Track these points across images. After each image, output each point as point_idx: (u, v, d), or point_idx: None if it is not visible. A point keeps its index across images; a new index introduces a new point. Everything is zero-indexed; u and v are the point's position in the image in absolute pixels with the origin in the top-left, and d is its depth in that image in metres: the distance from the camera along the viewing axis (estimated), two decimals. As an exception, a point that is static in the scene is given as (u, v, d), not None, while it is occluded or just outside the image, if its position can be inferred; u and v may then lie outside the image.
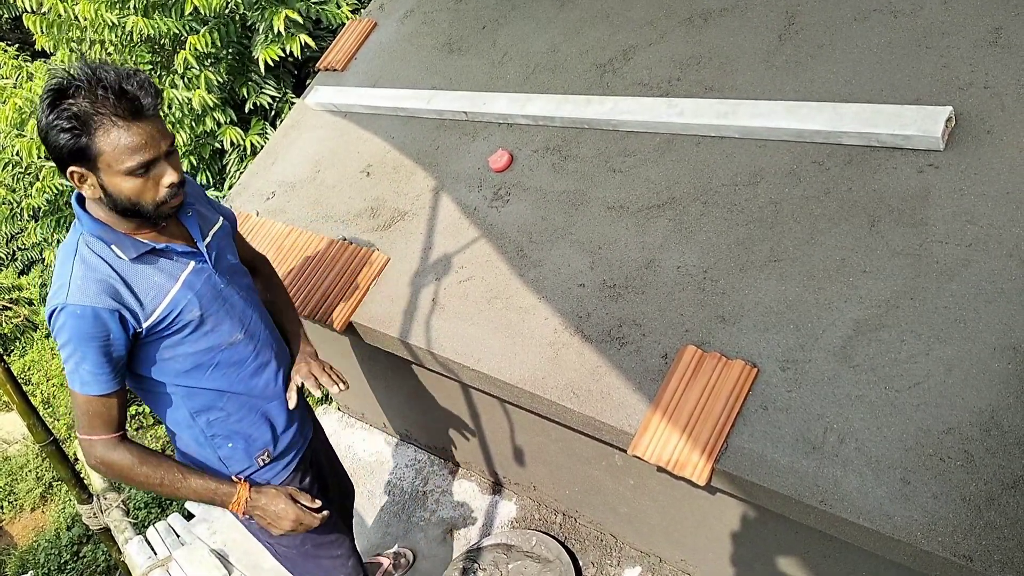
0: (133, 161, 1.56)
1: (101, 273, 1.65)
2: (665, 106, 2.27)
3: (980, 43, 1.92)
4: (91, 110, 1.52)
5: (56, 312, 1.66)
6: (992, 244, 1.64)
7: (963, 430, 1.49)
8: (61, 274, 1.67)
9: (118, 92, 1.53)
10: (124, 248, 1.69)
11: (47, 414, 10.03)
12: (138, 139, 1.56)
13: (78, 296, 1.63)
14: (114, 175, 1.58)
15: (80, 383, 1.69)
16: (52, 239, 5.53)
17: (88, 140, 1.54)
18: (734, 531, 2.14)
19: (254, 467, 1.96)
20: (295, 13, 3.96)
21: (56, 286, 1.67)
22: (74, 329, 1.63)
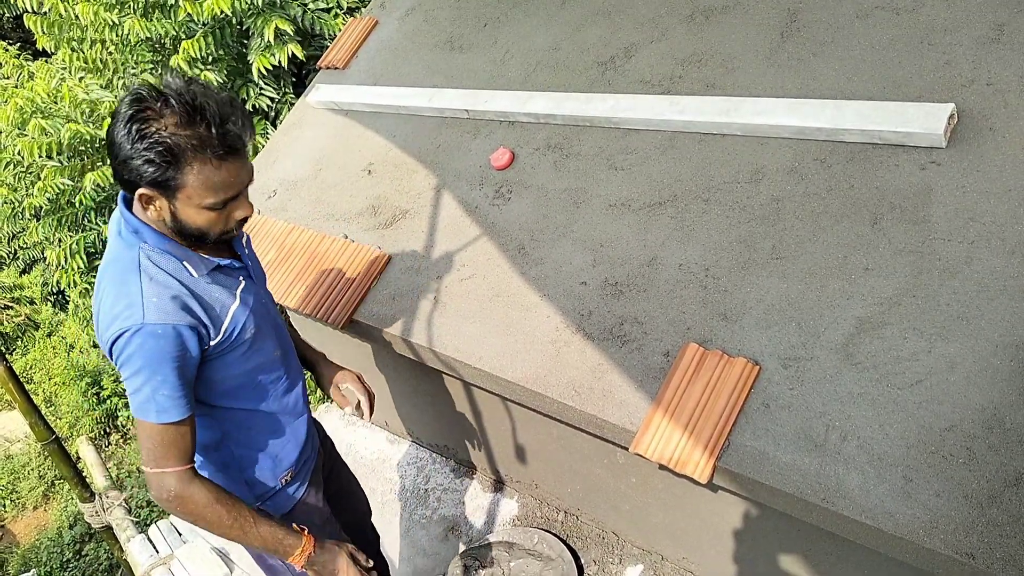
0: (216, 198, 1.50)
1: (174, 290, 1.56)
2: (667, 104, 2.26)
3: (982, 40, 1.92)
4: (185, 144, 1.43)
5: (129, 334, 1.53)
6: (994, 241, 1.64)
7: (965, 427, 1.48)
8: (127, 293, 1.55)
9: (219, 130, 1.45)
10: (195, 265, 1.61)
11: (49, 413, 10.04)
12: (227, 177, 1.49)
13: (157, 315, 1.52)
14: (190, 207, 1.51)
15: (156, 411, 1.56)
16: (53, 238, 5.53)
17: (175, 173, 1.45)
18: (736, 529, 2.14)
19: (277, 487, 1.90)
20: (285, 23, 3.96)
21: (122, 306, 1.54)
22: (153, 351, 1.53)
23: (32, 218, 5.50)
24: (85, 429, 9.67)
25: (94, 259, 5.41)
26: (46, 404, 10.24)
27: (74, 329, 10.63)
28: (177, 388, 1.56)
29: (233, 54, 4.51)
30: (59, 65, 5.30)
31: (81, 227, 5.33)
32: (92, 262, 5.38)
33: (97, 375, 10.16)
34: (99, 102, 4.83)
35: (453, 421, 3.02)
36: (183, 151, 1.43)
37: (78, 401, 9.88)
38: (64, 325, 10.95)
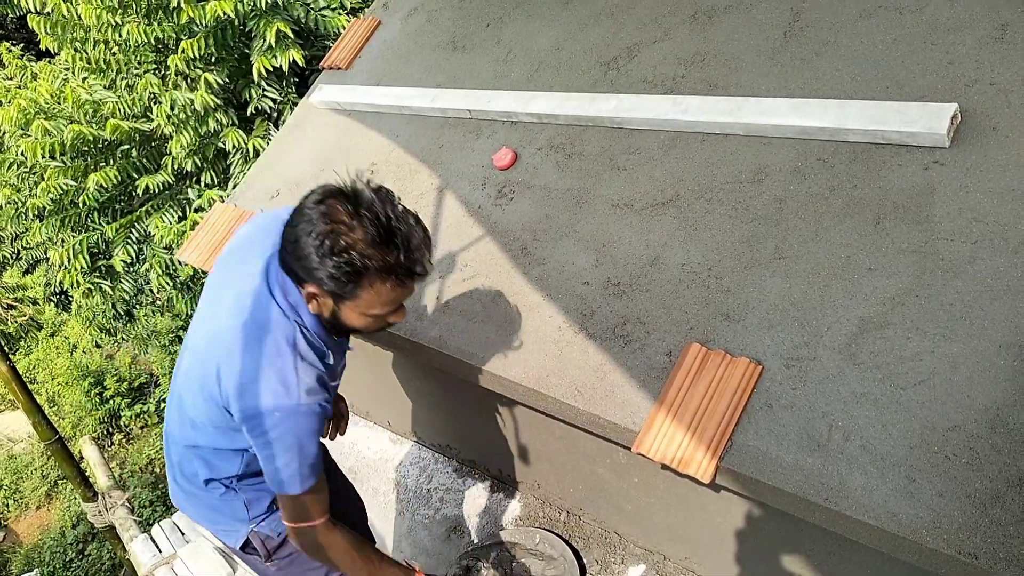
0: (383, 311, 1.56)
1: (320, 369, 1.64)
2: (670, 104, 2.26)
3: (986, 40, 1.92)
4: (372, 266, 1.46)
5: (282, 414, 1.59)
6: (998, 241, 1.64)
7: (968, 427, 1.48)
8: (282, 368, 1.59)
9: (408, 257, 1.48)
10: (336, 354, 1.71)
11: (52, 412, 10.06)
12: (402, 296, 1.55)
13: (309, 397, 1.60)
14: (355, 313, 1.56)
15: (301, 481, 1.65)
16: (56, 238, 5.55)
17: (354, 288, 1.49)
18: (739, 529, 2.14)
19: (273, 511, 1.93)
20: (286, 26, 3.97)
21: (276, 382, 1.58)
22: (304, 429, 1.60)
23: (35, 218, 5.52)
24: (88, 429, 9.70)
25: (96, 259, 5.42)
26: (49, 404, 10.27)
27: (77, 329, 10.65)
28: (316, 458, 1.66)
29: (236, 55, 4.52)
30: (62, 66, 5.31)
31: (84, 227, 5.34)
32: (95, 262, 5.39)
33: (100, 375, 10.18)
34: (102, 102, 4.85)
35: (456, 421, 3.02)
36: (368, 271, 1.46)
37: (81, 401, 9.91)
38: (67, 325, 10.97)
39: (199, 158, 4.75)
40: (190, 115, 4.49)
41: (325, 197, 1.46)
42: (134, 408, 10.11)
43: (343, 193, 1.47)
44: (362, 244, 1.43)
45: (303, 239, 1.46)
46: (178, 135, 4.52)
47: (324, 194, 1.47)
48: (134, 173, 4.90)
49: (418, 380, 2.97)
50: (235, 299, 1.64)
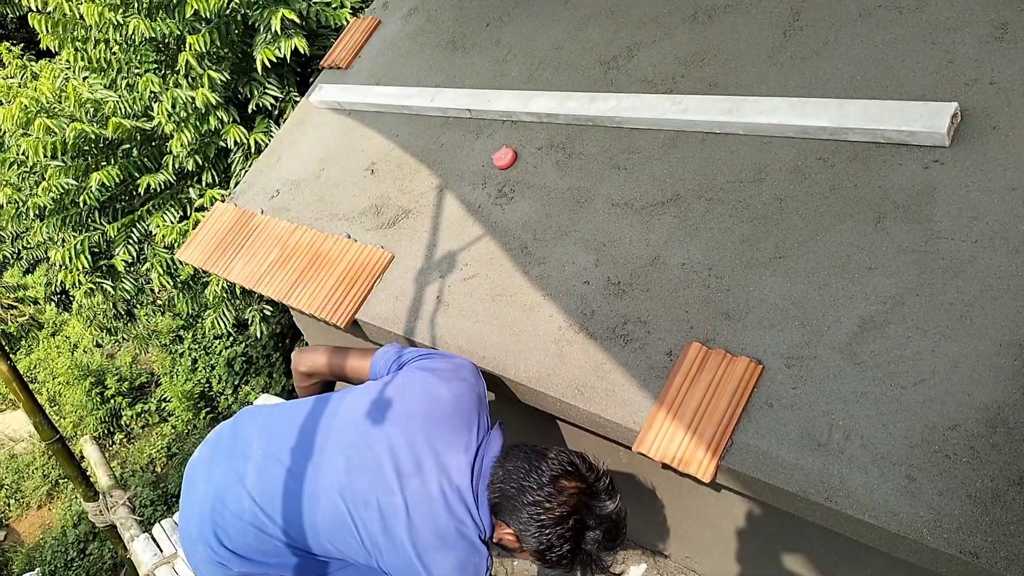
0: None
1: None
2: (669, 103, 2.26)
3: (986, 39, 1.92)
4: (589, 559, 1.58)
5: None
6: (998, 240, 1.64)
7: (969, 427, 1.48)
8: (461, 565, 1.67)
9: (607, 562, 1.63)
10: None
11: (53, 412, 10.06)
12: None
13: None
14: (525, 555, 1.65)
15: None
16: (57, 238, 5.55)
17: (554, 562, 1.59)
18: (739, 528, 2.14)
19: None
20: (292, 13, 3.96)
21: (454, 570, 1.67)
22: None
23: (36, 218, 5.51)
24: (89, 428, 9.70)
25: (98, 259, 5.42)
26: (50, 403, 10.27)
27: (78, 329, 10.65)
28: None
29: (237, 52, 4.52)
30: (63, 65, 5.31)
31: (85, 227, 5.34)
32: (96, 261, 5.39)
33: (101, 374, 10.19)
34: (103, 101, 4.85)
35: (456, 420, 3.02)
36: (582, 562, 1.58)
37: (82, 400, 9.91)
38: (68, 325, 10.98)
39: (200, 157, 4.74)
40: (191, 113, 4.49)
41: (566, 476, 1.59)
42: (135, 407, 10.11)
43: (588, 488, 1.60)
44: (594, 544, 1.57)
45: (531, 507, 1.57)
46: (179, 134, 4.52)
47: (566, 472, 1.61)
48: (135, 172, 4.90)
49: (419, 379, 2.97)
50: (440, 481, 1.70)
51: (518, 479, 1.61)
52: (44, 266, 10.03)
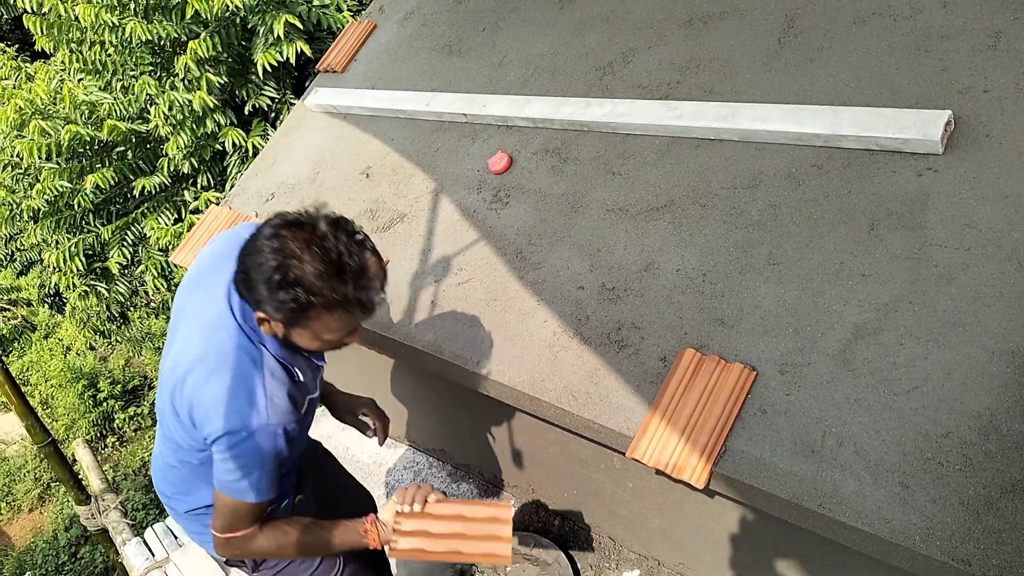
0: (334, 338, 1.56)
1: (288, 389, 1.64)
2: (664, 109, 2.27)
3: (980, 47, 1.92)
4: (322, 299, 1.44)
5: (247, 433, 1.59)
6: (991, 248, 1.64)
7: (962, 434, 1.48)
8: (248, 389, 1.59)
9: (360, 293, 1.47)
10: (303, 370, 1.69)
11: (45, 415, 10.02)
12: (352, 325, 1.55)
13: (276, 417, 1.60)
14: (305, 338, 1.56)
15: (257, 493, 1.65)
16: (51, 240, 5.53)
17: (302, 318, 1.49)
18: (732, 534, 2.14)
19: None
20: (295, 18, 3.97)
21: (243, 402, 1.59)
22: (269, 450, 1.61)
23: (30, 220, 5.50)
24: (81, 431, 9.66)
25: (92, 261, 5.41)
26: (42, 406, 10.22)
27: (71, 331, 10.61)
28: (274, 475, 1.67)
29: (234, 54, 4.52)
30: (58, 67, 5.30)
31: (79, 229, 5.33)
32: (90, 264, 5.37)
33: (94, 377, 10.15)
34: (98, 103, 4.84)
35: (450, 425, 3.02)
36: (315, 305, 1.45)
37: (75, 403, 9.86)
38: (61, 327, 10.93)
39: (196, 159, 4.74)
40: (188, 116, 4.49)
41: (279, 228, 1.46)
42: (128, 411, 10.07)
43: (298, 223, 1.46)
44: (311, 278, 1.42)
45: (253, 271, 1.46)
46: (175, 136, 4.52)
47: (278, 225, 1.47)
48: (130, 175, 4.90)
49: (412, 384, 2.96)
50: (200, 324, 1.66)
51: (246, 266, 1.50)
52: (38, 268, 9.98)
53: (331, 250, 1.43)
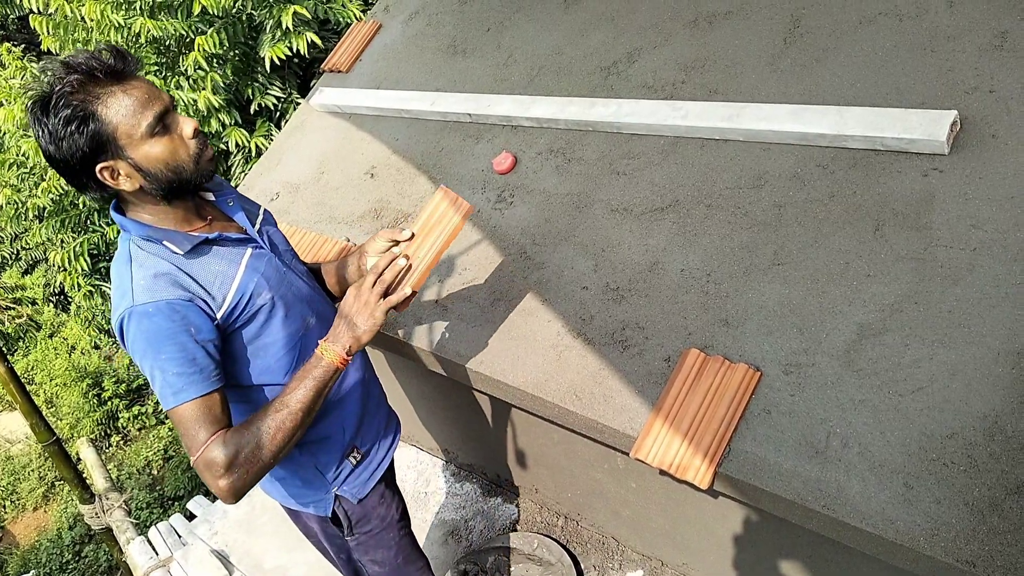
0: (147, 117, 1.50)
1: (162, 267, 1.56)
2: (669, 109, 2.27)
3: (986, 47, 1.92)
4: (81, 93, 1.46)
5: (125, 322, 1.53)
6: (997, 249, 1.64)
7: (966, 435, 1.48)
8: (119, 284, 1.57)
9: (92, 64, 1.47)
10: (178, 242, 1.60)
11: (50, 414, 10.05)
12: (138, 94, 1.50)
13: (144, 295, 1.52)
14: (139, 145, 1.51)
15: (173, 393, 1.51)
16: (56, 239, 5.54)
17: (97, 123, 1.47)
18: (736, 535, 2.14)
19: (348, 467, 1.88)
20: (304, 9, 3.97)
21: (117, 297, 1.56)
22: (149, 331, 1.51)
23: (35, 219, 5.51)
24: (86, 430, 9.69)
25: (98, 261, 5.42)
26: (47, 405, 10.26)
27: (76, 330, 10.65)
28: (184, 364, 1.51)
29: (240, 52, 4.53)
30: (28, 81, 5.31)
31: (84, 229, 5.34)
32: (96, 264, 5.39)
33: (98, 376, 10.18)
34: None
35: (454, 425, 3.02)
36: (82, 99, 1.46)
37: (79, 402, 9.90)
38: (66, 326, 10.98)
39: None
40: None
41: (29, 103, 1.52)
42: (132, 410, 10.10)
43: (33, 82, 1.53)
44: (65, 91, 1.47)
45: (43, 142, 1.51)
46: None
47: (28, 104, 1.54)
48: (135, 174, 4.90)
49: (416, 383, 2.96)
50: None
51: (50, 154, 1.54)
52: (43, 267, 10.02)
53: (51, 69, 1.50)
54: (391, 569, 2.06)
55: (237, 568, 3.18)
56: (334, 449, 1.87)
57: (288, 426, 1.55)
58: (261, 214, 1.86)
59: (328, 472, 1.88)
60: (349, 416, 1.89)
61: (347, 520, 1.95)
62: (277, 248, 1.81)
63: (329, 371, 1.60)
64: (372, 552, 2.01)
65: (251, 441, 1.52)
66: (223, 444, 1.51)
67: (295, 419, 1.56)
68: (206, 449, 1.50)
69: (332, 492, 1.90)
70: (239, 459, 1.51)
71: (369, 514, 1.96)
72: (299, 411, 1.56)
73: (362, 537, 1.98)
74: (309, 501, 1.92)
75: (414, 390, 3.03)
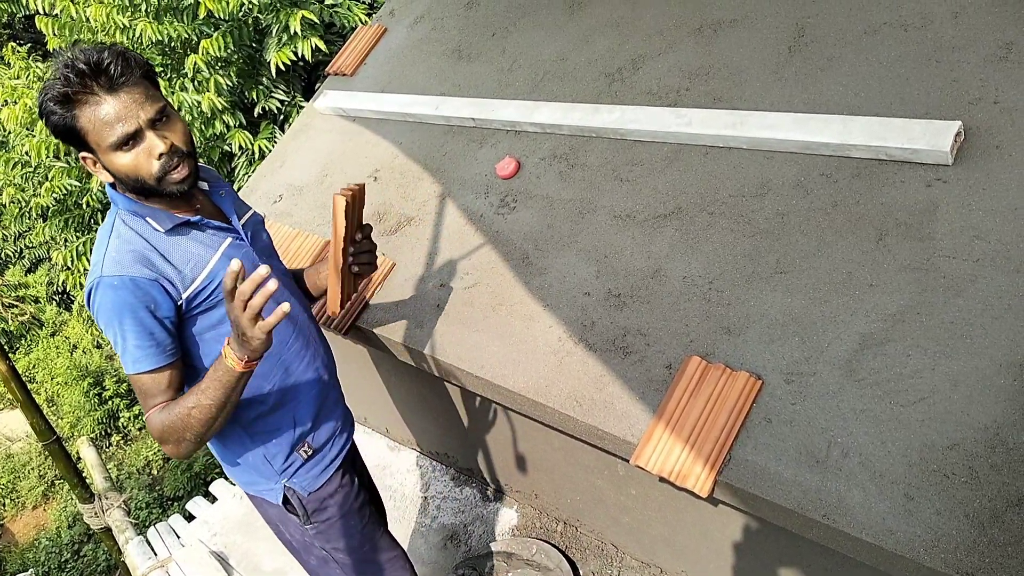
0: (113, 135, 1.57)
1: (136, 245, 1.65)
2: (673, 116, 2.27)
3: (990, 58, 1.92)
4: (68, 89, 1.54)
5: (93, 290, 1.64)
6: (1000, 260, 1.64)
7: (968, 446, 1.48)
8: (97, 252, 1.67)
9: (85, 66, 1.53)
10: (160, 220, 1.69)
11: (51, 412, 10.06)
12: (112, 111, 1.56)
13: (113, 268, 1.62)
14: (105, 153, 1.60)
15: (132, 361, 1.64)
16: (60, 238, 5.56)
17: (72, 120, 1.56)
18: (736, 543, 2.13)
19: (298, 461, 1.93)
20: (311, 14, 3.98)
21: (93, 265, 1.67)
22: (112, 302, 1.61)
23: (39, 218, 5.53)
24: (86, 429, 9.69)
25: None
26: (48, 404, 10.26)
27: (78, 329, 10.66)
28: (142, 337, 1.63)
29: (245, 55, 4.54)
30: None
31: (88, 228, 5.35)
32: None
33: (100, 376, 10.18)
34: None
35: (454, 429, 3.02)
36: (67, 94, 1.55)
37: (80, 401, 9.90)
38: (68, 325, 10.98)
39: (204, 160, 4.76)
40: (196, 117, 4.50)
41: None
42: (132, 409, 10.10)
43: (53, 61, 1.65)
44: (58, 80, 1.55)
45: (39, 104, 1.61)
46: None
47: None
48: (138, 175, 4.91)
49: (417, 387, 2.96)
50: None
51: None
52: (46, 266, 10.04)
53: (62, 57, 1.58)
54: (358, 558, 2.08)
55: (236, 570, 3.17)
56: (283, 441, 1.91)
57: (201, 416, 1.63)
58: (251, 212, 1.95)
59: (275, 462, 1.92)
60: (303, 412, 1.93)
61: (302, 508, 1.97)
62: (259, 243, 1.90)
63: (232, 374, 1.59)
64: (334, 541, 2.03)
65: (175, 422, 1.64)
66: (158, 415, 1.66)
67: (207, 412, 1.63)
68: (149, 416, 1.68)
69: (281, 483, 1.93)
70: (167, 433, 1.66)
71: (326, 502, 1.98)
72: (209, 406, 1.62)
73: (321, 526, 2.00)
74: (262, 488, 1.96)
75: (414, 394, 3.03)
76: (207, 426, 1.65)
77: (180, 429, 1.64)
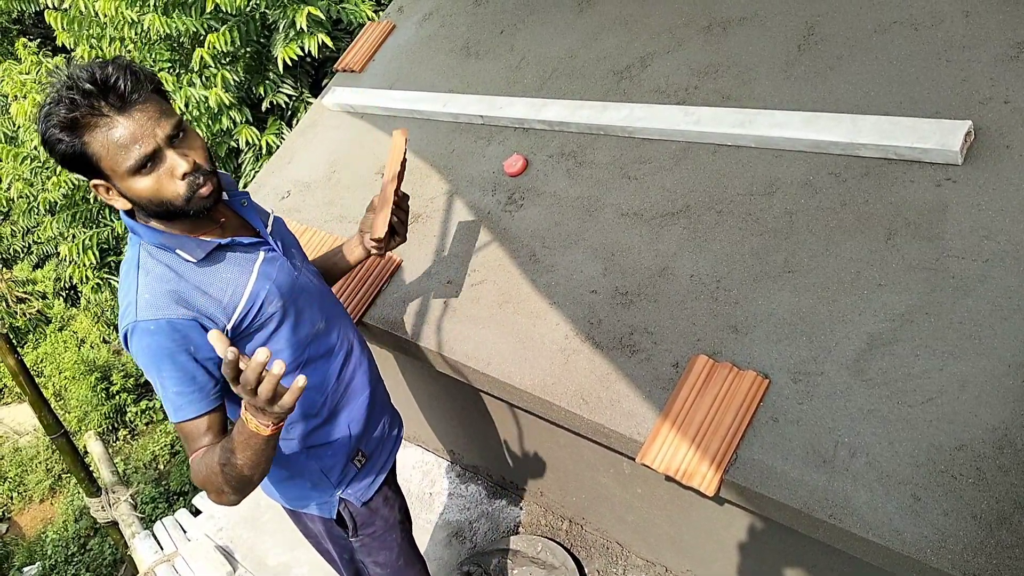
0: (130, 158, 1.43)
1: (170, 282, 1.53)
2: (682, 114, 2.26)
3: (1001, 58, 1.91)
4: (76, 112, 1.40)
5: (129, 334, 1.53)
6: (1009, 260, 1.63)
7: (975, 447, 1.47)
8: (126, 292, 1.55)
9: (91, 85, 1.40)
10: (190, 250, 1.56)
11: (58, 407, 10.10)
12: (127, 132, 1.42)
13: (148, 311, 1.50)
14: (123, 179, 1.46)
15: (173, 409, 1.55)
16: (68, 233, 5.58)
17: (82, 146, 1.43)
18: (741, 542, 2.13)
19: (352, 471, 1.88)
20: (317, 10, 3.98)
21: (123, 307, 1.54)
22: (150, 347, 1.51)
23: (47, 213, 5.55)
24: (93, 424, 9.73)
25: (107, 255, 5.45)
26: (56, 398, 10.31)
27: (85, 324, 10.70)
28: (183, 383, 1.53)
29: (252, 51, 4.54)
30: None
31: (95, 223, 5.37)
32: (104, 258, 5.42)
33: (107, 370, 10.22)
34: (116, 99, 4.87)
35: (460, 426, 3.02)
36: (74, 119, 1.41)
37: (87, 396, 9.94)
38: (76, 320, 11.03)
39: (211, 156, 4.77)
40: (203, 112, 4.51)
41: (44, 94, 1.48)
42: (140, 404, 10.14)
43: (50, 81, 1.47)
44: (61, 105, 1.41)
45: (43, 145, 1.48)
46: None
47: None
48: (146, 170, 4.93)
49: (423, 384, 2.97)
50: None
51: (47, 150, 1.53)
52: (54, 261, 10.08)
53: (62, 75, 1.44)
54: (393, 571, 2.07)
55: (241, 564, 3.19)
56: (339, 453, 1.87)
57: (234, 474, 1.50)
58: (272, 216, 1.84)
59: (333, 475, 1.88)
60: (355, 420, 1.89)
61: (352, 522, 1.95)
62: (289, 250, 1.80)
63: (258, 439, 1.44)
64: (375, 554, 2.02)
65: (210, 476, 1.53)
66: (199, 463, 1.56)
67: (238, 471, 1.49)
68: (191, 461, 1.58)
69: (337, 495, 1.90)
70: (206, 485, 1.56)
71: (373, 516, 1.97)
72: (240, 466, 1.48)
73: (365, 539, 1.99)
74: (313, 503, 1.93)
75: (421, 390, 3.03)
76: (244, 482, 1.52)
77: (217, 483, 1.53)
